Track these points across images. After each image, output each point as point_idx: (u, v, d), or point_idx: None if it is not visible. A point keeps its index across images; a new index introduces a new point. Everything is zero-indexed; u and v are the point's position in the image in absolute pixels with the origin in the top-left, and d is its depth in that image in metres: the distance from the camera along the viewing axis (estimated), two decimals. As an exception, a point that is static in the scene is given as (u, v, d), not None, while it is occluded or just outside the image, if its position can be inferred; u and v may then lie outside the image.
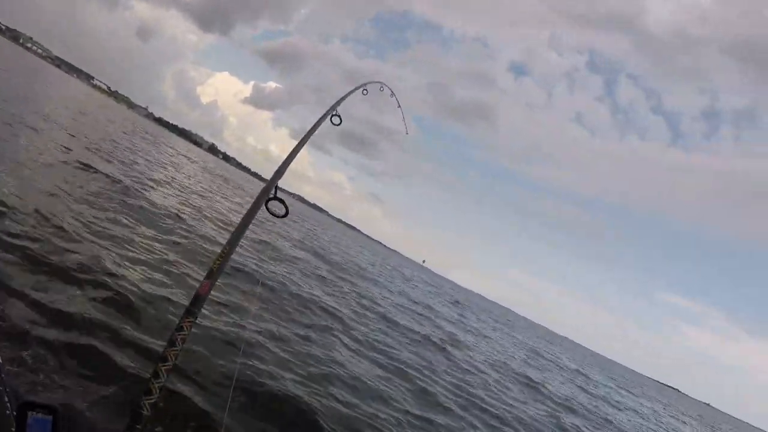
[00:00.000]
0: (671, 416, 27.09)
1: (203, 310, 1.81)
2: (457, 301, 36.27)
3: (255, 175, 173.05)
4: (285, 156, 2.30)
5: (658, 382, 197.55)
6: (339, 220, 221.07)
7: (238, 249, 1.98)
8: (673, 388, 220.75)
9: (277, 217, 2.01)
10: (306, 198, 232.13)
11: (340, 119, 2.73)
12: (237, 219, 8.23)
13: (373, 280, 19.62)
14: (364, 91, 3.30)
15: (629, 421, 14.91)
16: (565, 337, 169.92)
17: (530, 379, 12.85)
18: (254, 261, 9.86)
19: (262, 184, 2.08)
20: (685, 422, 27.84)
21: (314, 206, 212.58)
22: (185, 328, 1.63)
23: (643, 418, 17.78)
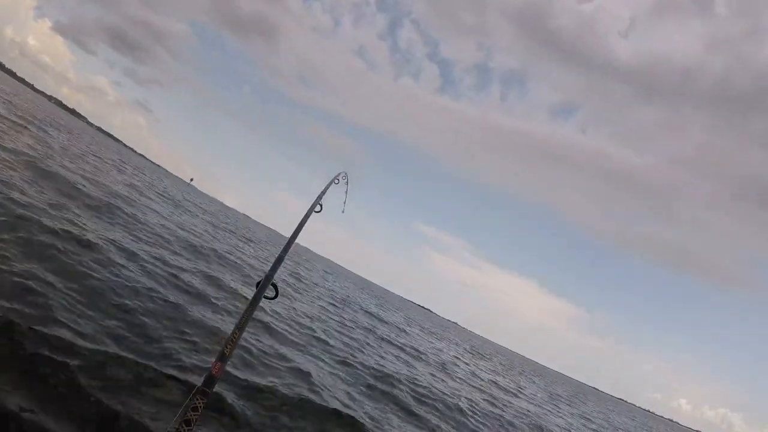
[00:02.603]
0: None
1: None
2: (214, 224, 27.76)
3: (9, 72, 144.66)
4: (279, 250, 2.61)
5: (414, 303, 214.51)
6: (99, 129, 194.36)
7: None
8: (427, 309, 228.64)
9: (269, 299, 2.29)
10: (64, 102, 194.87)
11: (321, 207, 3.05)
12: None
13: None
14: (336, 182, 3.55)
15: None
16: (329, 259, 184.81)
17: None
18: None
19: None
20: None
21: (73, 111, 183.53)
22: (199, 408, 1.70)
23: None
